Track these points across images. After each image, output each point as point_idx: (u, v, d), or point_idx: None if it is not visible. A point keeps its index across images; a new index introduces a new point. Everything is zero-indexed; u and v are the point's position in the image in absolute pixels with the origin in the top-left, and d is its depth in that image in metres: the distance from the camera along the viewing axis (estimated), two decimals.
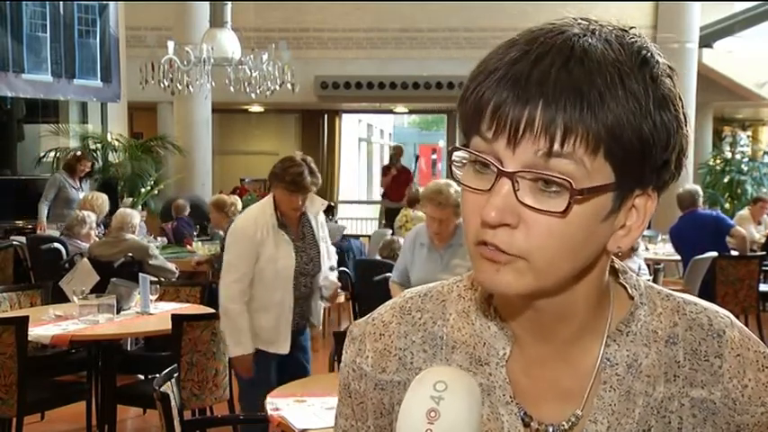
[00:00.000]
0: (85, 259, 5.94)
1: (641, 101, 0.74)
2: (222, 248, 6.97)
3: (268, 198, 3.95)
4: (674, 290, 0.92)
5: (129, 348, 5.47)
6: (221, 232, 7.29)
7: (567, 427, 0.85)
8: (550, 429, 0.85)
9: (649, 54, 0.77)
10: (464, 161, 0.79)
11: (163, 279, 6.27)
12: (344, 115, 16.66)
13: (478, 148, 0.76)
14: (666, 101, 0.76)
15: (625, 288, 0.87)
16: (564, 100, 0.72)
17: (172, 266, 6.52)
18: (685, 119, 0.78)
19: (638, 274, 0.92)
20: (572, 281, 0.80)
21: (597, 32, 0.76)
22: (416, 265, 4.11)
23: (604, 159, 0.74)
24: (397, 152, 13.13)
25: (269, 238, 3.83)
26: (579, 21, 0.78)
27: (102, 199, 7.43)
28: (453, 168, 0.80)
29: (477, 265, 0.78)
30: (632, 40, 0.77)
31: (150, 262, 6.26)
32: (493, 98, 0.74)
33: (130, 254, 6.19)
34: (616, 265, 0.88)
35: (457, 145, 0.79)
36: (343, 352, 0.96)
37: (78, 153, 9.14)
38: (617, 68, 0.74)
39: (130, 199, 9.99)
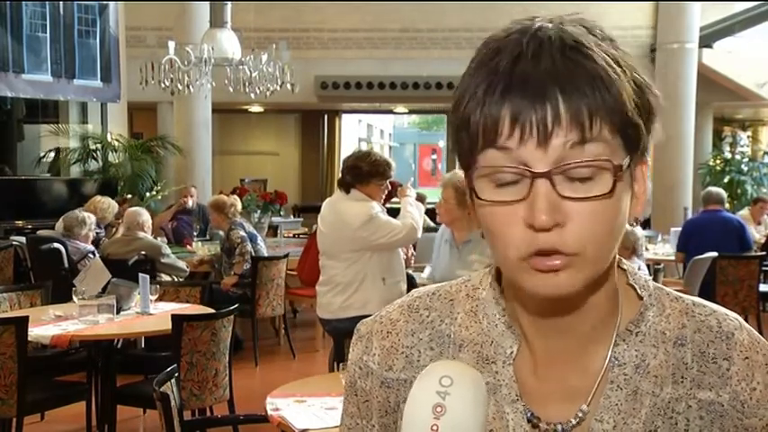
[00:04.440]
0: (98, 258, 6.00)
1: (627, 72, 0.76)
2: (222, 249, 7.03)
3: (354, 194, 4.16)
4: (677, 291, 0.92)
5: (143, 346, 5.49)
6: (221, 233, 7.30)
7: (574, 423, 0.85)
8: (559, 428, 0.85)
9: (605, 32, 0.79)
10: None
11: (175, 278, 6.35)
12: (344, 115, 16.67)
13: (497, 161, 0.75)
14: (634, 67, 0.79)
15: (634, 289, 0.87)
16: (581, 86, 0.73)
17: (183, 265, 6.63)
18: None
19: None
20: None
21: (563, 22, 0.78)
22: (440, 261, 4.19)
23: (618, 135, 0.75)
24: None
25: None
26: (534, 18, 0.79)
27: (109, 203, 7.46)
28: (474, 191, 0.78)
29: (530, 278, 0.77)
30: (590, 24, 0.79)
31: (162, 260, 6.39)
32: (505, 108, 0.74)
33: (143, 252, 6.27)
34: (625, 267, 0.89)
35: (474, 166, 0.77)
36: (350, 350, 0.96)
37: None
38: (600, 47, 0.76)
39: (129, 196, 10.00)
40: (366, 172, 4.13)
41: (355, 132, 19.89)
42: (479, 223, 0.80)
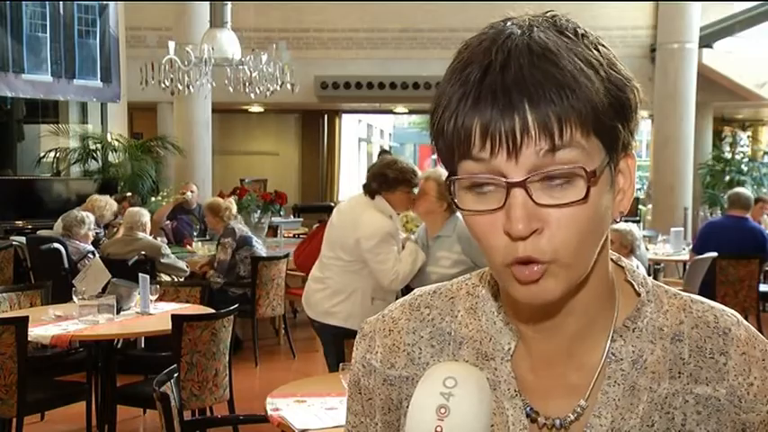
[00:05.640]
0: (98, 258, 6.01)
1: (600, 71, 0.76)
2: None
3: (379, 202, 4.08)
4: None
5: (143, 346, 5.49)
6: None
7: (572, 418, 0.86)
8: (557, 423, 0.86)
9: (582, 29, 0.79)
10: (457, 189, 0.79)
11: (175, 278, 6.36)
12: (344, 115, 16.66)
13: (473, 170, 0.76)
14: (612, 62, 0.79)
15: (632, 285, 0.88)
16: (548, 94, 0.73)
17: (183, 265, 6.65)
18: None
19: None
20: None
21: (535, 26, 0.78)
22: None
23: (595, 136, 0.76)
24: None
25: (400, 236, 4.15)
26: (508, 21, 0.80)
27: (106, 201, 7.47)
28: (454, 201, 0.79)
29: (513, 286, 0.78)
30: (563, 21, 0.79)
31: (162, 260, 6.42)
32: (476, 120, 0.75)
33: (143, 252, 6.28)
34: (624, 264, 0.90)
35: (452, 177, 0.79)
36: (354, 349, 0.97)
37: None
38: (570, 50, 0.76)
39: (129, 194, 10.00)
40: (392, 179, 4.05)
41: (355, 132, 19.88)
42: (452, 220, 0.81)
